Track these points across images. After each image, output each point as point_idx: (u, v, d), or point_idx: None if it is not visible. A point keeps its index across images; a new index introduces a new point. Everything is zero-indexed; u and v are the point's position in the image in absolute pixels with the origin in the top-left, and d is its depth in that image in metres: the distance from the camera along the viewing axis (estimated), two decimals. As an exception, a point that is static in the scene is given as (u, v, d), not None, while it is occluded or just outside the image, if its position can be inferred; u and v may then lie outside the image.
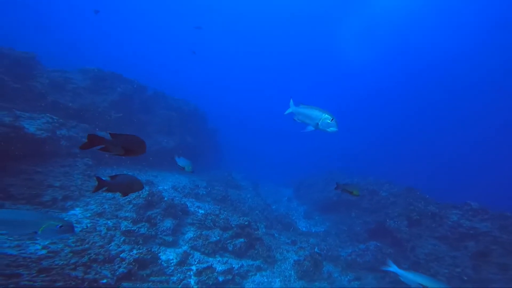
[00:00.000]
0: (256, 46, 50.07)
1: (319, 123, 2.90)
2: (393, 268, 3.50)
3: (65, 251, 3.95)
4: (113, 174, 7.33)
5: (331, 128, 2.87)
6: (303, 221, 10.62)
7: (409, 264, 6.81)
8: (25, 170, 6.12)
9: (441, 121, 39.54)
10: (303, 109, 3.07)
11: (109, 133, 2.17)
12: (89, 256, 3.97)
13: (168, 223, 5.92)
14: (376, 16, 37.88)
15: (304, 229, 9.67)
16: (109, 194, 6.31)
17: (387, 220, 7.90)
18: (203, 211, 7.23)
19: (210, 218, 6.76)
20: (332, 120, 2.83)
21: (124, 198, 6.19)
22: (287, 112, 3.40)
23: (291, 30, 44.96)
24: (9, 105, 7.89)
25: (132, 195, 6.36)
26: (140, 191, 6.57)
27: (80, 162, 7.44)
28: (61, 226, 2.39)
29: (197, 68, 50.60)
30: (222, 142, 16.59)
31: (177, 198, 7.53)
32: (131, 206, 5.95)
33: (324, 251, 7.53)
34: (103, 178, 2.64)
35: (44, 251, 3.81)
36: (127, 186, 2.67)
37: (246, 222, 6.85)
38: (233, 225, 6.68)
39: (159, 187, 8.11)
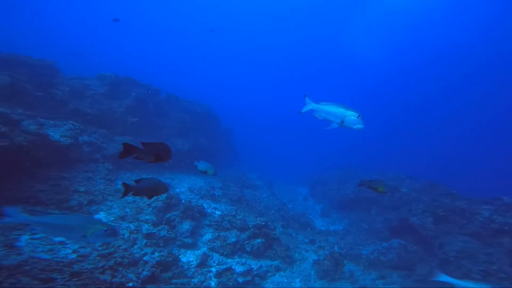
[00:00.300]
0: (263, 43, 49.65)
1: (344, 120, 2.82)
2: (444, 277, 3.34)
3: (93, 254, 4.12)
4: (133, 177, 7.50)
5: (357, 125, 2.79)
6: (320, 219, 10.48)
7: (437, 262, 6.55)
8: (52, 176, 6.43)
9: (452, 115, 37.58)
10: (325, 106, 2.98)
11: (141, 143, 2.39)
12: (115, 259, 4.12)
13: (186, 225, 6.03)
14: (385, 9, 36.74)
15: (322, 227, 9.54)
16: (130, 198, 6.52)
17: (411, 217, 7.63)
18: (220, 212, 7.31)
19: (227, 219, 6.82)
20: (358, 117, 2.76)
21: (144, 201, 6.38)
22: (304, 109, 3.27)
23: (300, 26, 44.26)
24: (33, 113, 8.29)
25: (151, 198, 6.55)
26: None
27: (102, 167, 7.73)
28: (106, 230, 2.55)
29: (205, 69, 50.97)
30: (234, 142, 16.67)
31: (194, 200, 7.65)
32: (150, 209, 6.12)
33: (344, 250, 7.40)
34: (129, 183, 2.76)
35: (74, 255, 4.00)
36: (152, 189, 2.80)
37: (263, 222, 6.85)
38: (250, 226, 6.70)
39: (176, 190, 8.28)
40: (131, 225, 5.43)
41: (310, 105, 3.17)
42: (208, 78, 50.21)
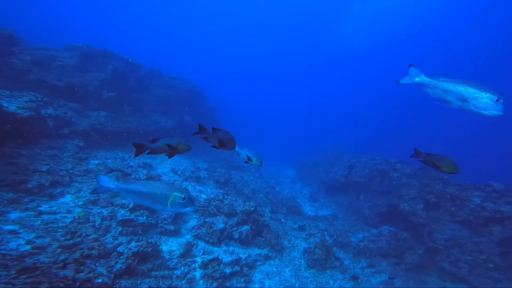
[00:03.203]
0: (255, 34, 48.36)
1: (471, 102, 2.22)
2: None
3: (53, 246, 3.45)
4: (108, 156, 6.55)
5: (491, 111, 2.16)
6: (308, 204, 10.28)
7: (424, 249, 6.49)
8: (7, 153, 5.50)
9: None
10: (446, 83, 2.35)
11: (212, 127, 2.55)
12: (81, 251, 3.48)
13: (169, 210, 5.44)
14: (378, 5, 36.24)
15: (310, 212, 9.34)
16: (103, 180, 5.79)
17: (401, 203, 7.50)
18: (205, 196, 6.77)
19: (213, 203, 6.31)
20: (497, 100, 2.13)
21: (112, 192, 5.67)
22: (406, 81, 2.60)
23: (292, 18, 42.94)
24: (-14, 83, 7.12)
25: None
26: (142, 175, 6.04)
27: (71, 144, 6.83)
28: (183, 198, 2.33)
29: (195, 54, 49.06)
30: (222, 121, 15.97)
31: (177, 182, 7.04)
32: (128, 192, 5.42)
33: (334, 237, 7.21)
34: (143, 143, 2.55)
35: (28, 247, 3.31)
36: (173, 147, 2.56)
37: (252, 207, 6.42)
38: (238, 211, 6.25)
39: (158, 171, 7.58)
40: (103, 211, 4.76)
41: (420, 78, 2.51)
42: (198, 63, 48.21)
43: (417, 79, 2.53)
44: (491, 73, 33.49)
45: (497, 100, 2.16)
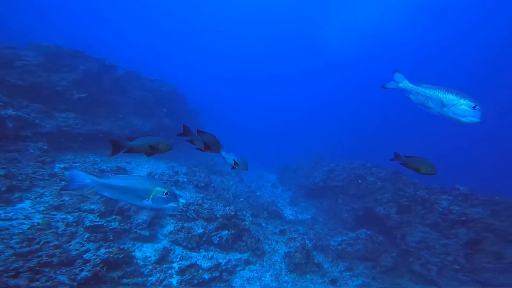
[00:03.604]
0: (240, 35, 48.97)
1: (451, 109, 2.26)
2: None
3: (6, 253, 3.05)
4: (77, 159, 6.12)
5: (468, 118, 2.20)
6: (289, 208, 10.29)
7: (398, 252, 6.71)
8: (-43, 154, 4.90)
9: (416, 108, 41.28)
10: (428, 90, 2.38)
11: (197, 130, 2.50)
12: (39, 259, 3.12)
13: (144, 215, 5.13)
14: (364, 8, 38.92)
15: (291, 216, 9.34)
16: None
17: (376, 207, 7.75)
18: (184, 201, 6.50)
19: (192, 208, 6.07)
20: (475, 107, 2.16)
21: (88, 189, 5.26)
22: (391, 86, 2.63)
23: (275, 21, 44.37)
24: None
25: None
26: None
27: (33, 147, 6.25)
28: (166, 193, 2.20)
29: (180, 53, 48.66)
30: (203, 123, 15.70)
31: (154, 187, 6.70)
32: (98, 197, 5.04)
33: (314, 241, 7.23)
34: (121, 142, 2.43)
35: (-26, 256, 2.90)
36: (152, 146, 2.46)
37: (232, 212, 6.27)
38: (218, 216, 6.07)
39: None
40: (69, 216, 4.35)
41: (404, 84, 2.55)
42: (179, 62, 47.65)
43: (401, 84, 2.58)
44: (475, 80, 36.72)
45: (474, 107, 2.20)
